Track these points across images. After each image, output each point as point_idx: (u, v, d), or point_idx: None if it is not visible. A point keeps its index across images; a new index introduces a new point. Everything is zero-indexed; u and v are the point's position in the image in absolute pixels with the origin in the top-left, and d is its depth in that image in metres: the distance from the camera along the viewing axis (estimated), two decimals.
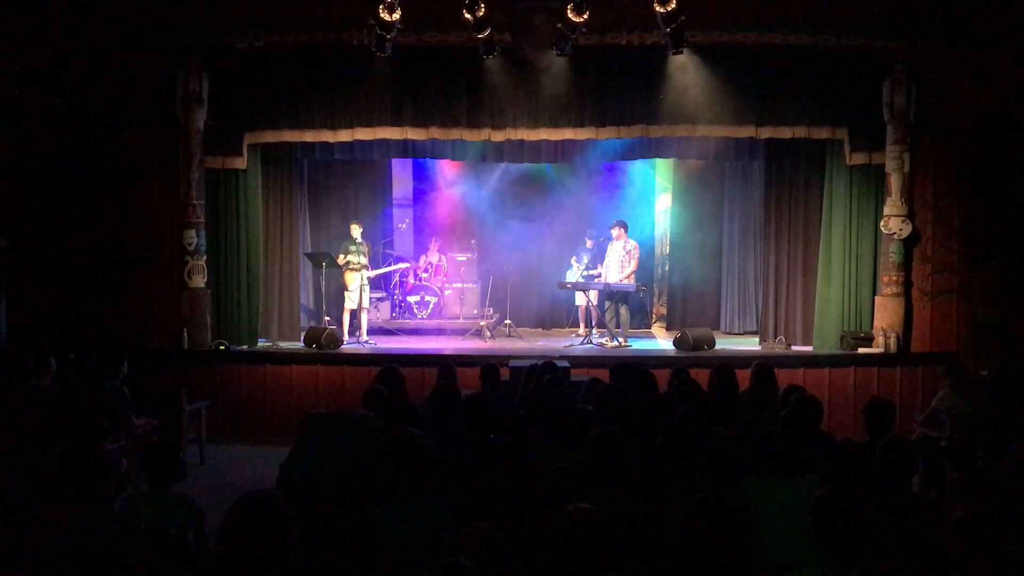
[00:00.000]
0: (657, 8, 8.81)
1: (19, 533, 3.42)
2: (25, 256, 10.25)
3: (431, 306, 13.22)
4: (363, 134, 10.51)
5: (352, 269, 11.26)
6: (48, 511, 3.62)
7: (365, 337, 11.46)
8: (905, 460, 4.10)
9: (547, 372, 6.58)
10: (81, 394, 6.46)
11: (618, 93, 10.40)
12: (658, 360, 9.70)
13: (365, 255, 11.45)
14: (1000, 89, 10.05)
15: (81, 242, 10.37)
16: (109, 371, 7.33)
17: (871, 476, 4.16)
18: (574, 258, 12.64)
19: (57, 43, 10.01)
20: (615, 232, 11.60)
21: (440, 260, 13.55)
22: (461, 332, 12.36)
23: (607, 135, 10.62)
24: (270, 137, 10.63)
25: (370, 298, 11.85)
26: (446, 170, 14.13)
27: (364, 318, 11.54)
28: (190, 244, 10.28)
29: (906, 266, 10.28)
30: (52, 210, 10.36)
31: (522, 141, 10.94)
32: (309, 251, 12.25)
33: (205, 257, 10.41)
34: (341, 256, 11.23)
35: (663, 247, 14.26)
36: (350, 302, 11.37)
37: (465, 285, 13.25)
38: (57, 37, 9.99)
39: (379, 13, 9.02)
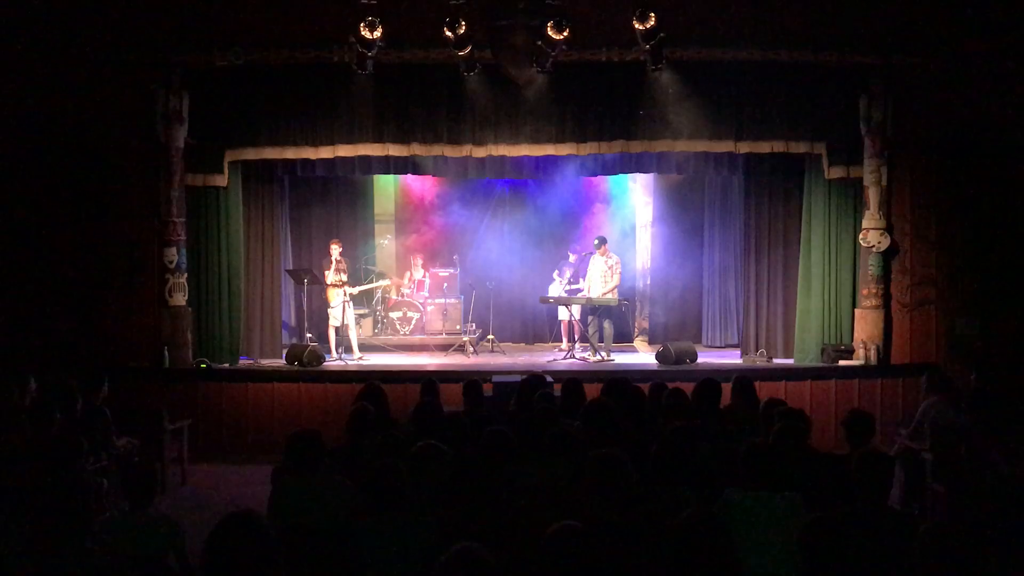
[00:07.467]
0: (636, 25, 8.90)
1: None
2: (3, 274, 10.16)
3: (413, 322, 13.19)
4: (344, 151, 10.51)
5: (333, 286, 11.25)
6: (28, 533, 3.57)
7: (358, 354, 11.41)
8: (881, 473, 4.09)
9: (536, 388, 6.55)
10: (61, 414, 6.40)
11: (598, 109, 10.46)
12: (641, 374, 9.72)
13: (345, 272, 11.42)
14: (975, 102, 10.18)
15: (61, 260, 10.30)
16: (90, 391, 7.26)
17: (851, 491, 4.15)
18: (556, 272, 12.67)
19: (36, 61, 9.98)
20: (597, 247, 11.65)
21: (422, 275, 13.53)
22: (444, 348, 12.34)
23: (588, 150, 10.66)
24: (251, 154, 10.61)
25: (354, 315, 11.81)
26: (428, 186, 14.14)
27: (353, 335, 11.48)
28: (171, 262, 10.22)
29: (885, 278, 10.37)
30: (31, 228, 10.29)
31: (503, 157, 10.95)
32: (291, 268, 12.21)
33: (186, 275, 10.34)
34: None
35: (644, 261, 14.31)
36: (333, 319, 11.35)
37: (447, 300, 13.23)
38: (36, 55, 9.95)
39: (360, 31, 9.06)
